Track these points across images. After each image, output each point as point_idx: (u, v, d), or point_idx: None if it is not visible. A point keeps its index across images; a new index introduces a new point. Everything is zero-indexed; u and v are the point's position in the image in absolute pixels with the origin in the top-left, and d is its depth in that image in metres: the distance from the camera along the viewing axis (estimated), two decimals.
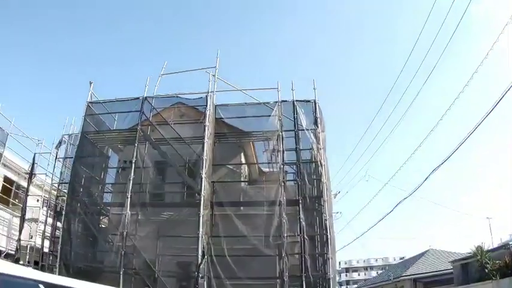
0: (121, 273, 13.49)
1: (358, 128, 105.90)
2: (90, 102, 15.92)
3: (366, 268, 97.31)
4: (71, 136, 17.53)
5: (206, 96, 15.19)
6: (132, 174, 14.48)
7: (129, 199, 14.27)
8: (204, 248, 13.20)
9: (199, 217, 13.40)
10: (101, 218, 15.78)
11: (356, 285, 51.95)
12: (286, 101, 15.95)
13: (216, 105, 15.56)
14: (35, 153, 19.51)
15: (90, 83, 16.09)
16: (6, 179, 19.98)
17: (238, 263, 13.23)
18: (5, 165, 19.42)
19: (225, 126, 15.50)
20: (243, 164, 16.27)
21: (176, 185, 15.69)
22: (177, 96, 15.54)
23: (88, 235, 15.51)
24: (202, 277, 12.66)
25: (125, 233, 13.95)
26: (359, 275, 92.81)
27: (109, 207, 16.01)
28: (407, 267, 29.52)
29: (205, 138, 14.44)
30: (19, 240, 17.90)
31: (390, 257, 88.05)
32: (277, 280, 13.30)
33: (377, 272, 64.97)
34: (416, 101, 18.32)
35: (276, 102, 15.81)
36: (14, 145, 19.99)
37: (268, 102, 15.89)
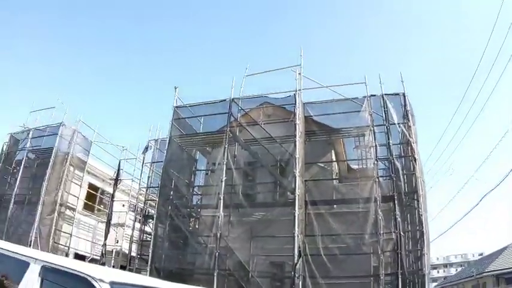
0: (215, 274, 13.41)
1: (434, 122, 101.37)
2: (176, 107, 15.90)
3: (445, 265, 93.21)
4: (156, 141, 17.58)
5: (294, 94, 14.90)
6: (224, 175, 14.20)
7: (221, 200, 14.04)
8: (299, 247, 12.71)
9: (294, 216, 13.15)
10: (191, 220, 15.59)
11: (436, 283, 49.62)
12: (374, 95, 15.33)
13: (304, 103, 14.94)
14: (120, 160, 19.81)
15: (175, 88, 16.12)
16: (91, 186, 20.37)
17: (332, 262, 12.94)
18: (89, 173, 19.82)
19: (313, 124, 15.17)
20: (334, 161, 15.73)
21: (267, 185, 15.34)
22: (264, 96, 15.19)
23: (178, 238, 15.46)
24: (298, 277, 12.40)
25: (218, 234, 13.86)
26: (438, 272, 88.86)
27: (199, 210, 15.75)
28: (488, 264, 28.11)
29: (297, 136, 14.08)
30: (105, 245, 18.15)
31: (469, 253, 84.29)
32: (371, 278, 13.03)
33: (456, 269, 62.21)
34: (495, 92, 16.96)
35: (365, 97, 15.16)
36: (98, 153, 20.35)
37: (356, 98, 15.26)
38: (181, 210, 15.41)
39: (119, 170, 19.74)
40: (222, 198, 14.26)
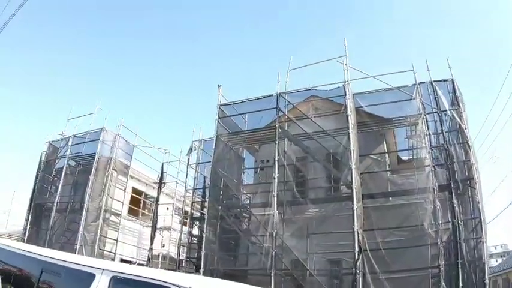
0: (272, 274, 13.03)
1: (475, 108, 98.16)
2: (221, 105, 15.45)
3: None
4: (200, 142, 17.18)
5: (343, 85, 14.30)
6: (277, 172, 13.75)
7: (275, 198, 13.50)
8: (360, 242, 12.22)
9: (352, 211, 12.67)
10: (242, 220, 15.14)
11: None
12: (424, 82, 14.69)
13: (353, 94, 14.48)
14: (162, 163, 19.40)
15: (219, 86, 15.71)
16: (135, 190, 20.02)
17: (391, 256, 12.48)
18: (132, 177, 19.46)
19: (364, 115, 14.60)
20: (387, 152, 15.22)
21: (318, 180, 14.81)
22: (312, 89, 14.69)
23: (229, 238, 15.14)
24: (357, 273, 11.96)
25: (274, 233, 13.45)
26: None
27: (249, 209, 15.30)
28: None
29: (350, 128, 13.53)
30: (151, 249, 17.75)
31: (509, 243, 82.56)
32: (429, 270, 12.42)
33: (496, 260, 60.89)
34: None
35: (414, 84, 14.67)
36: (140, 156, 20.02)
37: (406, 86, 14.75)
38: (232, 210, 14.92)
39: (162, 172, 19.39)
40: (275, 195, 13.77)
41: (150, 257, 18.10)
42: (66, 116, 20.61)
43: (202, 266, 14.32)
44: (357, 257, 12.18)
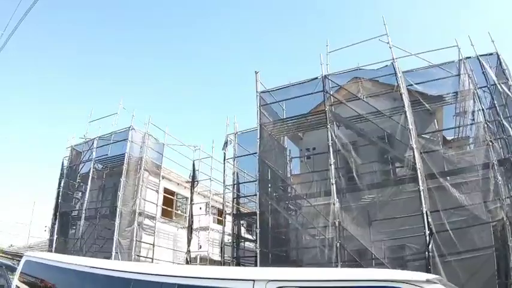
0: (339, 266, 12.11)
1: None
2: (261, 92, 14.38)
3: None
4: (235, 135, 16.05)
5: (392, 63, 13.40)
6: (332, 158, 12.74)
7: (334, 186, 12.62)
8: (430, 224, 11.36)
9: (420, 192, 11.86)
10: (295, 212, 14.09)
11: None
12: (469, 57, 13.98)
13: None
14: (193, 160, 18.18)
15: (256, 72, 14.64)
16: (167, 191, 18.76)
17: (456, 236, 11.68)
18: (163, 177, 18.15)
19: (413, 93, 13.62)
20: (442, 130, 14.50)
21: (373, 164, 13.81)
22: (359, 69, 13.79)
23: (282, 233, 14.16)
24: (430, 257, 11.16)
25: (337, 223, 12.54)
26: None
27: (306, 199, 14.25)
28: None
29: (406, 106, 12.75)
30: (189, 252, 16.55)
31: None
32: (493, 248, 11.72)
33: None
34: None
35: (460, 60, 14.02)
36: (169, 155, 18.75)
37: (452, 62, 14.06)
38: (283, 202, 13.87)
39: (194, 171, 18.18)
40: (334, 183, 12.80)
41: (188, 259, 16.89)
42: (85, 119, 19.30)
43: (258, 264, 13.32)
44: (428, 239, 11.34)
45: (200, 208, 19.22)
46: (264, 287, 3.27)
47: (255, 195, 16.59)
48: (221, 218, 20.11)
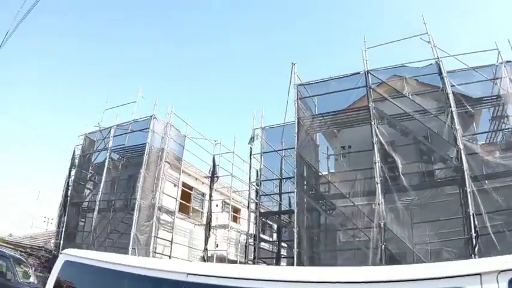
0: None
1: None
2: (299, 85, 13.65)
3: None
4: (263, 130, 15.21)
5: (436, 62, 12.90)
6: (377, 156, 12.12)
7: (379, 185, 12.04)
8: (476, 227, 10.92)
9: (466, 194, 11.51)
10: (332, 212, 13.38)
11: None
12: (510, 61, 13.70)
13: None
14: (214, 155, 17.21)
15: (293, 64, 13.90)
16: (185, 185, 17.69)
17: (500, 240, 11.22)
18: (183, 171, 17.09)
19: (456, 94, 13.14)
20: (483, 132, 14.19)
21: (411, 165, 13.26)
22: (403, 66, 13.24)
23: (313, 233, 13.36)
24: None
25: (382, 224, 11.91)
26: None
27: (350, 199, 13.57)
28: None
29: (452, 106, 12.29)
30: (206, 250, 15.60)
31: None
32: None
33: None
34: None
35: (501, 63, 13.72)
36: (189, 148, 17.62)
37: (492, 65, 13.71)
38: (320, 201, 13.15)
39: (214, 166, 17.13)
40: (379, 182, 12.17)
41: (205, 258, 15.90)
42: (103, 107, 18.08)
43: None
44: (474, 241, 10.88)
45: (217, 205, 18.25)
46: (495, 280, 2.46)
47: (278, 193, 15.91)
48: (237, 216, 19.26)
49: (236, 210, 20.60)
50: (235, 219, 20.21)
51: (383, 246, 11.63)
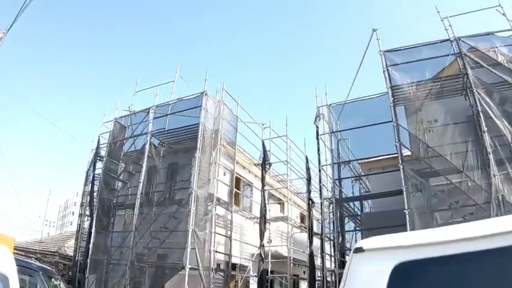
0: None
1: None
2: (386, 51, 11.97)
3: None
4: (329, 107, 13.28)
5: None
6: (484, 126, 10.80)
7: (491, 155, 10.69)
8: None
9: None
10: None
11: None
12: None
13: None
14: (263, 140, 14.86)
15: (374, 30, 12.21)
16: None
17: None
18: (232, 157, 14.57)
19: None
20: None
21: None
22: (491, 34, 12.02)
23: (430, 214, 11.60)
24: None
25: (500, 197, 10.45)
26: None
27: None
28: None
29: None
30: (263, 246, 13.37)
31: None
32: None
33: None
34: None
35: None
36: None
37: None
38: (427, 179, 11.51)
39: (265, 151, 14.70)
40: (490, 152, 10.78)
41: (262, 256, 13.51)
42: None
43: None
44: None
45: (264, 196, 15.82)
46: None
47: (357, 177, 14.00)
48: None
49: (280, 202, 18.29)
50: (281, 211, 17.91)
51: None
